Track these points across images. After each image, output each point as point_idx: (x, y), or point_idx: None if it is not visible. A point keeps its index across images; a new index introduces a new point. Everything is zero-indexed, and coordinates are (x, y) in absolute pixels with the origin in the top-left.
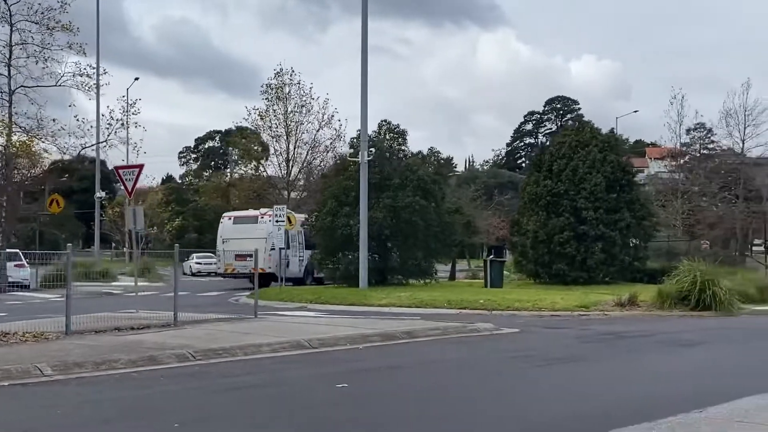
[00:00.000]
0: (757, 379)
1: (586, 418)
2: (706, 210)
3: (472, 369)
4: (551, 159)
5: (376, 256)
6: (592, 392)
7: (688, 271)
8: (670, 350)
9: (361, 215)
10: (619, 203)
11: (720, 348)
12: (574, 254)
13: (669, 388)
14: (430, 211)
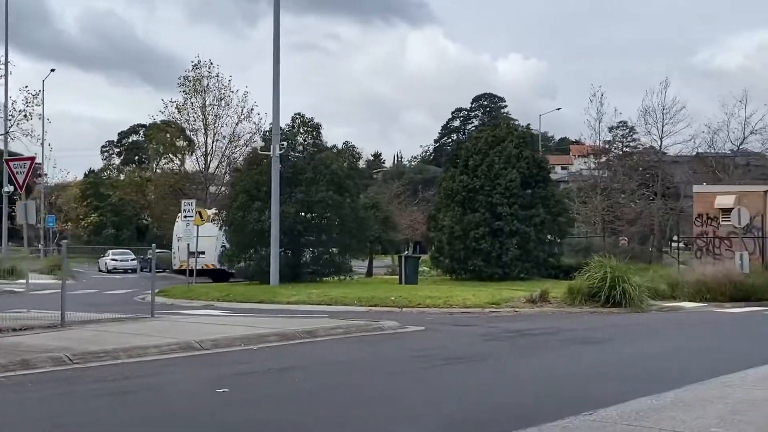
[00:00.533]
0: (653, 378)
1: (470, 424)
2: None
3: (365, 370)
4: (467, 154)
5: (289, 252)
6: (483, 394)
7: (599, 268)
8: (572, 349)
9: (273, 210)
10: (535, 199)
11: (622, 346)
12: (489, 250)
13: (564, 389)
14: (344, 206)
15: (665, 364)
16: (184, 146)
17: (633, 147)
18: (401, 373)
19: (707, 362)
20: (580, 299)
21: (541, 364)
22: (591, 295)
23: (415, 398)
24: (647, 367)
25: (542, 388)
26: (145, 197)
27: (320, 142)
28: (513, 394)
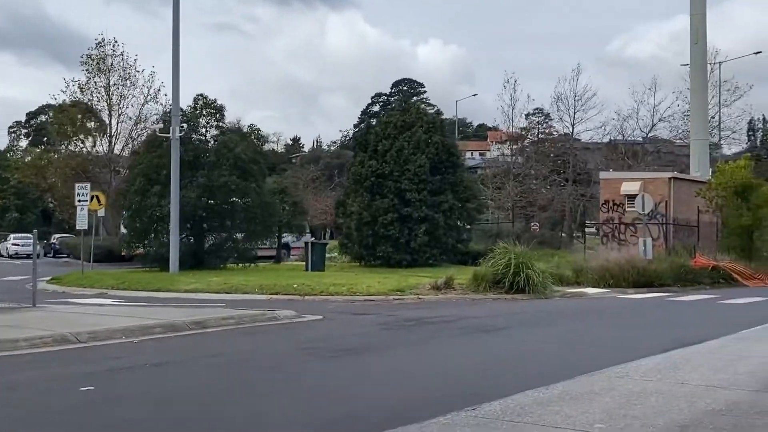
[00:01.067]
0: (545, 369)
1: (346, 422)
2: (537, 192)
3: (247, 365)
4: (377, 139)
5: (191, 238)
6: (367, 389)
7: (504, 254)
8: (469, 338)
9: (172, 195)
10: (444, 185)
11: (519, 334)
12: (398, 236)
13: (453, 382)
14: (249, 191)
15: (559, 354)
16: (95, 127)
17: (548, 134)
18: (285, 367)
19: (603, 351)
20: (484, 286)
21: (434, 355)
22: (495, 281)
23: (293, 395)
24: (540, 357)
25: (431, 381)
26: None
27: (224, 125)
28: (399, 389)
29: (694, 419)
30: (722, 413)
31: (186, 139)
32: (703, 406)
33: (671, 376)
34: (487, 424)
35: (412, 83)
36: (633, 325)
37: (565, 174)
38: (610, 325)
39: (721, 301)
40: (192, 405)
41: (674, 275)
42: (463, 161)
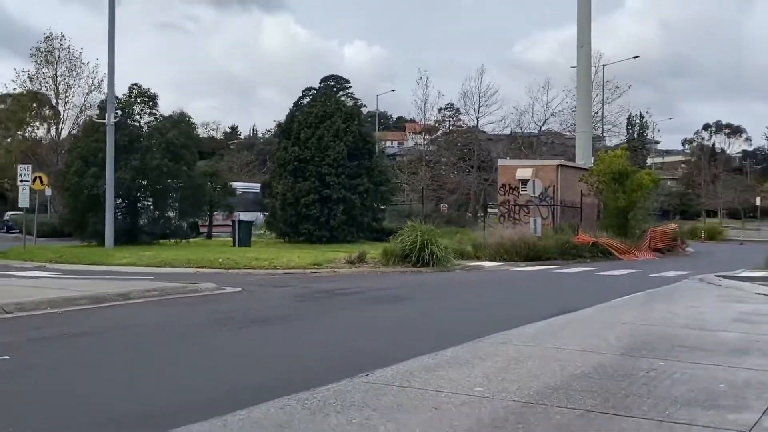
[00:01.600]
0: (439, 335)
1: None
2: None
3: (160, 335)
4: (299, 128)
5: (126, 216)
6: (269, 358)
7: (411, 232)
8: (374, 307)
9: (108, 176)
10: (360, 170)
11: (420, 303)
12: (318, 215)
13: (354, 349)
14: (181, 173)
15: (452, 322)
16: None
17: (457, 126)
18: (196, 337)
19: (492, 319)
20: (393, 260)
21: (339, 324)
22: (403, 256)
23: (195, 365)
24: (435, 325)
25: (332, 349)
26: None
27: (156, 112)
28: (301, 357)
29: (565, 382)
30: (590, 376)
31: (121, 125)
32: (573, 369)
33: (549, 341)
34: (378, 389)
35: (339, 79)
36: (521, 295)
37: (471, 161)
38: (500, 295)
39: (599, 273)
40: (96, 371)
41: (560, 250)
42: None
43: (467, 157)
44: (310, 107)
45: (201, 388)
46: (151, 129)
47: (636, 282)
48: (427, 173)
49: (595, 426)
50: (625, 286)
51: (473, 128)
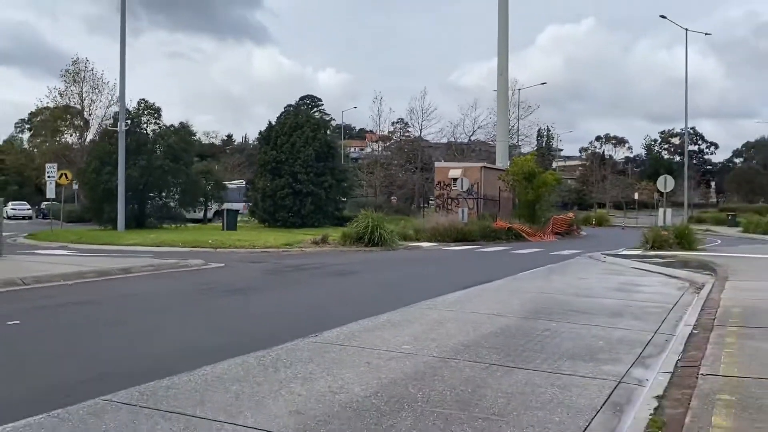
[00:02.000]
0: (376, 302)
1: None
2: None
3: (149, 302)
4: (276, 135)
5: (135, 205)
6: (242, 321)
7: (364, 218)
8: (330, 279)
9: (120, 173)
10: (325, 169)
11: (368, 276)
12: (291, 206)
13: (309, 314)
14: (180, 171)
15: (391, 291)
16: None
17: (406, 136)
18: (181, 303)
19: (423, 288)
20: (350, 241)
21: (301, 294)
22: (358, 238)
23: (174, 328)
24: (377, 293)
25: (293, 314)
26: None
27: (160, 122)
28: (264, 320)
29: (475, 340)
30: (497, 335)
31: (131, 132)
32: (484, 329)
33: (467, 306)
34: (323, 348)
35: (313, 98)
36: (448, 268)
37: (416, 164)
38: (432, 269)
39: (512, 251)
40: (91, 334)
41: (482, 233)
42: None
43: (413, 160)
44: (285, 119)
45: (176, 347)
46: (156, 135)
47: (539, 258)
48: (381, 173)
49: (496, 377)
50: (530, 262)
51: (418, 138)
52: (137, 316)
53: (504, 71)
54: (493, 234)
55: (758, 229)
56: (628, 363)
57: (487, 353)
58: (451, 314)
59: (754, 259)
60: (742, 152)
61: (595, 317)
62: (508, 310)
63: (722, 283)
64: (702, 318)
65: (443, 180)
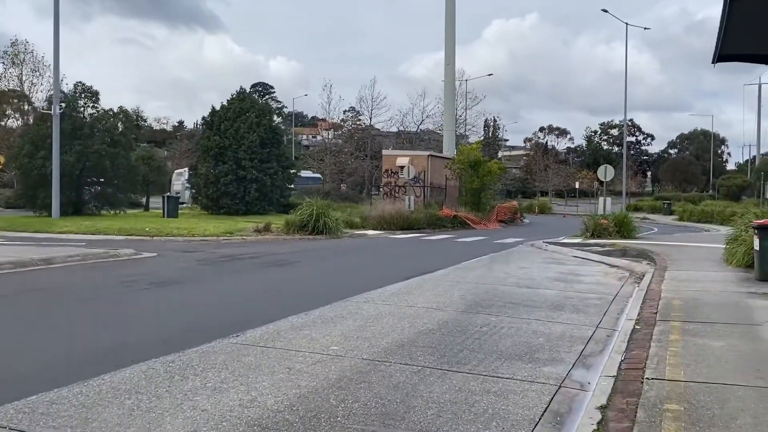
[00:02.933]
0: (315, 295)
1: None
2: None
3: (65, 296)
4: (220, 120)
5: (72, 191)
6: (156, 318)
7: (308, 206)
8: (266, 270)
9: (54, 157)
10: (271, 156)
11: (308, 266)
12: (235, 192)
13: (236, 309)
14: (118, 156)
15: (330, 282)
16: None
17: (358, 124)
18: (97, 298)
19: (363, 279)
20: (293, 229)
21: (231, 286)
22: (302, 226)
23: (81, 327)
24: (313, 285)
25: (217, 309)
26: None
27: (98, 106)
28: (183, 317)
29: (411, 338)
30: (433, 332)
31: (66, 116)
32: (421, 326)
33: (405, 299)
34: (242, 350)
35: (265, 85)
36: (391, 258)
37: (365, 151)
38: (375, 258)
39: (456, 239)
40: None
41: (428, 221)
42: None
43: (362, 148)
44: (229, 104)
45: (77, 351)
46: (93, 120)
47: (483, 247)
48: (331, 160)
49: (428, 383)
50: (475, 250)
51: (369, 126)
52: (40, 314)
53: (451, 61)
54: (439, 222)
55: (692, 217)
56: (569, 363)
57: (422, 354)
58: (388, 308)
59: (689, 247)
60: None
61: (535, 310)
62: (447, 302)
63: (662, 273)
64: (644, 311)
65: (391, 168)
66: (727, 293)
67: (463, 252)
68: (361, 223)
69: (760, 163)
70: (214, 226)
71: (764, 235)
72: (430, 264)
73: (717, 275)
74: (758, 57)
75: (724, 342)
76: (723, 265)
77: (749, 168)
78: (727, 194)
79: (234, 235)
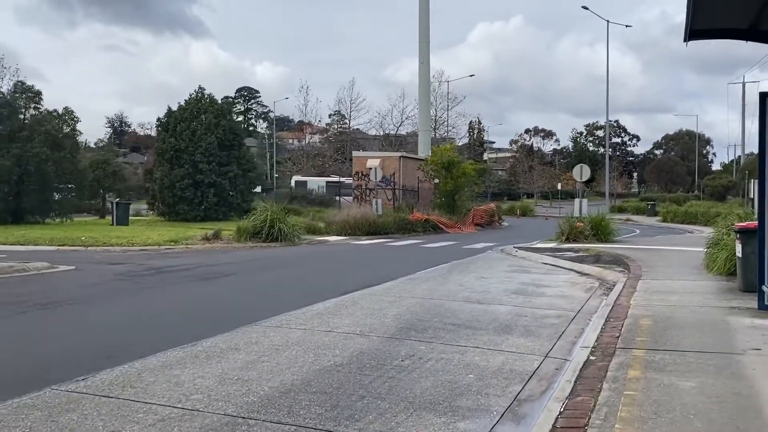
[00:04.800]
0: (220, 319)
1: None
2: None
3: None
4: (176, 122)
5: (11, 198)
6: (13, 350)
7: (263, 212)
8: (187, 285)
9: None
10: (230, 159)
11: (239, 281)
12: (192, 198)
13: (105, 341)
14: (63, 160)
15: (253, 300)
16: None
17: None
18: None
19: (292, 296)
20: (245, 236)
21: (132, 307)
22: (255, 232)
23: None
24: (231, 305)
25: (86, 340)
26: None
27: (41, 107)
28: (37, 352)
29: (305, 380)
30: (339, 369)
31: (4, 117)
32: (328, 360)
33: (328, 322)
34: (68, 404)
35: (251, 90)
36: (340, 268)
37: (345, 154)
38: (322, 269)
39: (423, 245)
40: None
41: (397, 226)
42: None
43: (342, 150)
44: (186, 104)
45: None
46: (31, 121)
47: (449, 253)
48: (307, 163)
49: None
50: (438, 257)
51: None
52: None
53: (426, 59)
54: (409, 226)
55: (675, 219)
56: (495, 414)
57: (308, 405)
58: (300, 335)
59: (668, 251)
60: (662, 144)
61: (478, 333)
62: (376, 325)
63: (634, 282)
64: (604, 335)
65: (361, 170)
66: (705, 309)
67: (424, 259)
68: (325, 228)
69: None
70: (159, 234)
71: (747, 239)
72: (381, 275)
73: (695, 285)
74: (733, 32)
75: (696, 381)
76: (703, 273)
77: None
78: (713, 194)
79: (179, 243)
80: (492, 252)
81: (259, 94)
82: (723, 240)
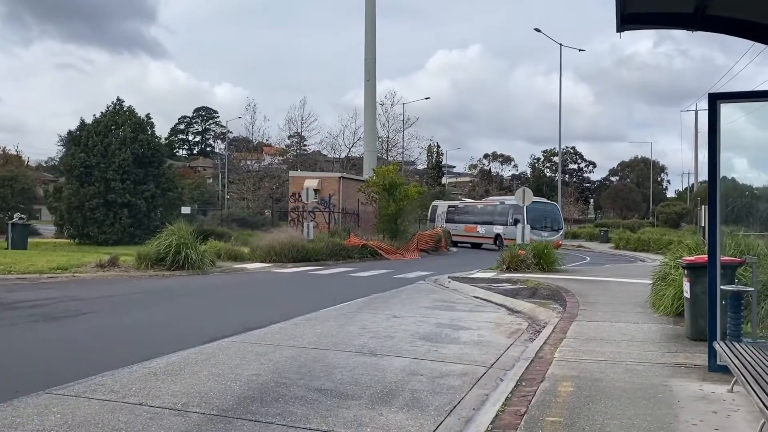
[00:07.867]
0: (21, 381)
1: None
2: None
3: None
4: (88, 135)
5: None
6: None
7: (168, 236)
8: (20, 328)
9: None
10: (147, 176)
11: (94, 321)
12: (103, 219)
13: None
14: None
15: (81, 351)
16: None
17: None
18: None
19: (143, 344)
20: (147, 264)
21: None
22: (159, 259)
23: None
24: (37, 362)
25: None
26: None
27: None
28: None
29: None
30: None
31: None
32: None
33: (149, 387)
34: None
35: (209, 110)
36: (236, 303)
37: None
38: (214, 304)
39: (353, 274)
40: None
41: (330, 252)
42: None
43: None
44: (101, 117)
45: None
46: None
47: (375, 284)
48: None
49: None
50: (360, 289)
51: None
52: None
53: (372, 76)
54: (345, 252)
55: (628, 246)
56: None
57: None
58: (94, 410)
59: (613, 284)
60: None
61: (344, 405)
62: (215, 393)
63: (567, 324)
64: (507, 409)
65: (298, 191)
66: (645, 366)
67: (342, 292)
68: (249, 254)
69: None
70: (49, 259)
71: (697, 277)
72: (279, 312)
73: (637, 329)
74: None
75: None
76: (648, 312)
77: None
78: (667, 221)
79: (67, 271)
80: (423, 283)
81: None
82: (671, 274)
